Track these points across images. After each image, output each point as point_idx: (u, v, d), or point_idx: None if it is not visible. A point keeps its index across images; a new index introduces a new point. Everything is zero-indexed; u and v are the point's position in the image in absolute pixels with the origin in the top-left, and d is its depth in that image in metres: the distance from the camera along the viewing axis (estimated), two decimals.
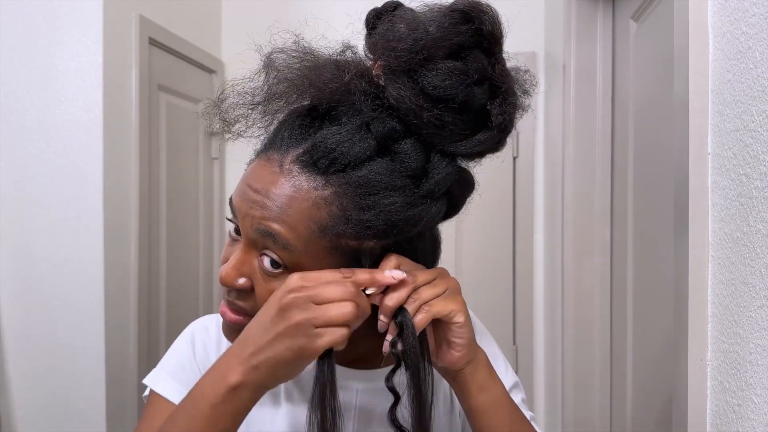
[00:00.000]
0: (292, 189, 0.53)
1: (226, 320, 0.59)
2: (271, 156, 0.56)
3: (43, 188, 1.74)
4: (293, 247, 0.53)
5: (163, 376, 0.70)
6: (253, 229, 0.54)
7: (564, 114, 1.84)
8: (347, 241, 0.54)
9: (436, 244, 0.64)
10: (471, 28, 0.53)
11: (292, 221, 0.53)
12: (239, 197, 0.56)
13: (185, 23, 2.20)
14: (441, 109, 0.53)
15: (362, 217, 0.53)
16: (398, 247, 0.57)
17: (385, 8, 0.57)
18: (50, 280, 1.74)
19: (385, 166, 0.54)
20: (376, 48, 0.55)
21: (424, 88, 0.53)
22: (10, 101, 1.74)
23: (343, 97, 0.55)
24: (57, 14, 1.73)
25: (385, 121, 0.54)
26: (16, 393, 1.76)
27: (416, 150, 0.54)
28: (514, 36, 0.60)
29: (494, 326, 2.28)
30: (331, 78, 0.54)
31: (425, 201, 0.55)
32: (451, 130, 0.54)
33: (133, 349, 1.85)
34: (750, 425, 0.64)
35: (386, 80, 0.54)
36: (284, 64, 0.57)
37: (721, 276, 0.71)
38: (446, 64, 0.53)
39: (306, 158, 0.54)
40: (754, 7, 0.64)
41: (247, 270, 0.56)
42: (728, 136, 0.70)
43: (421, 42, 0.52)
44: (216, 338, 0.73)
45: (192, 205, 2.28)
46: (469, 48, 0.54)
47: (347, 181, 0.53)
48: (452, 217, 0.61)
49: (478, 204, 0.63)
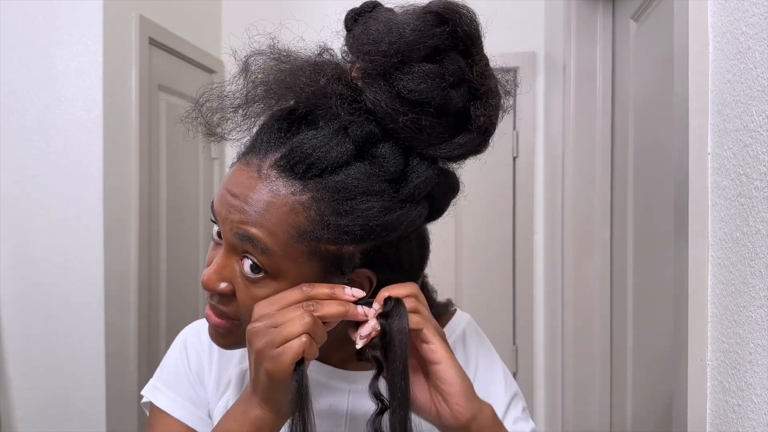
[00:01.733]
0: (270, 194, 0.53)
1: (210, 323, 0.59)
2: (250, 160, 0.55)
3: (43, 188, 1.74)
4: (272, 252, 0.53)
5: (162, 389, 0.70)
6: (233, 233, 0.54)
7: (564, 114, 1.84)
8: (326, 245, 0.54)
9: (423, 245, 0.63)
10: (446, 30, 0.52)
11: (271, 226, 0.53)
12: (219, 201, 0.56)
13: (185, 23, 2.20)
14: (417, 113, 0.52)
15: (340, 222, 0.52)
16: (379, 251, 0.56)
17: (363, 9, 0.56)
18: (50, 280, 1.74)
19: (363, 171, 0.53)
20: (352, 50, 0.55)
21: (400, 91, 0.52)
22: (10, 101, 1.74)
23: (320, 100, 0.54)
24: (57, 14, 1.73)
25: (363, 125, 0.53)
26: (16, 393, 1.76)
27: (395, 154, 0.54)
28: (514, 36, 0.60)
29: (494, 326, 2.30)
30: (307, 81, 0.53)
31: (404, 205, 0.54)
32: (429, 134, 0.54)
33: (133, 349, 1.85)
34: (750, 425, 0.64)
35: (363, 83, 0.54)
36: (261, 67, 0.57)
37: (721, 276, 0.71)
38: (422, 67, 0.52)
39: (283, 163, 0.53)
40: (754, 7, 0.64)
41: (228, 274, 0.56)
42: (728, 136, 0.70)
43: (395, 45, 0.51)
44: (208, 345, 0.72)
45: (192, 205, 2.28)
46: (445, 50, 0.53)
47: (324, 186, 0.53)
48: (436, 219, 0.60)
49: (478, 204, 0.63)
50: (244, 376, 0.69)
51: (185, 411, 0.69)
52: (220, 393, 0.70)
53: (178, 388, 0.70)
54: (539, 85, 2.26)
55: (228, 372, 0.70)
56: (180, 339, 0.74)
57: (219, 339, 0.60)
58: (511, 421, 0.71)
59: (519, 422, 0.72)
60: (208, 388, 0.71)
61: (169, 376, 0.71)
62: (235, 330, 0.58)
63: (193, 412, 0.69)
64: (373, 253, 0.56)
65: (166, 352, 0.75)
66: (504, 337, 2.31)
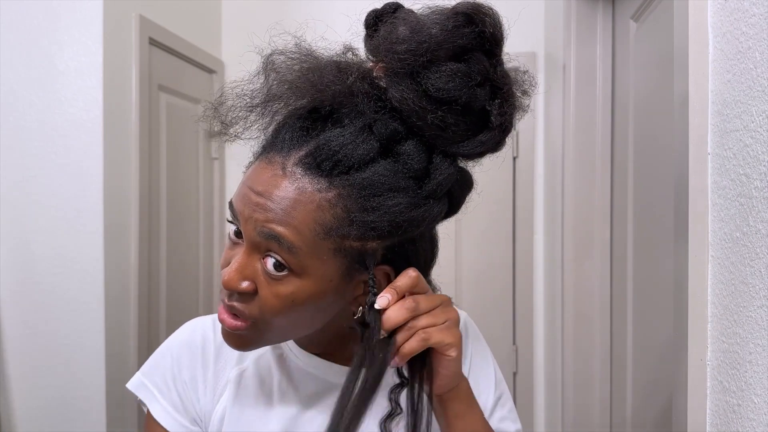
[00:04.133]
0: (296, 191, 0.53)
1: (226, 326, 0.59)
2: (273, 158, 0.56)
3: (43, 188, 1.74)
4: (298, 249, 0.53)
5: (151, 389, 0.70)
6: (257, 232, 0.54)
7: (564, 114, 1.84)
8: (351, 242, 0.54)
9: (434, 243, 0.64)
10: (474, 31, 0.54)
11: (297, 223, 0.53)
12: (241, 200, 0.56)
13: (185, 23, 2.20)
14: (444, 111, 0.53)
15: (366, 219, 0.53)
16: (401, 247, 0.57)
17: (385, 10, 0.57)
18: (50, 280, 1.74)
19: (389, 168, 0.54)
20: (378, 50, 0.55)
21: (428, 90, 0.53)
22: (10, 101, 1.74)
23: (345, 99, 0.55)
24: (57, 14, 1.73)
25: (388, 123, 0.54)
26: (16, 393, 1.76)
27: (419, 151, 0.55)
28: (514, 36, 0.60)
29: (494, 326, 2.30)
30: (333, 80, 0.54)
31: (428, 201, 0.55)
32: (453, 132, 0.55)
33: (133, 349, 1.85)
34: (750, 425, 0.64)
35: (388, 82, 0.55)
36: (284, 65, 0.57)
37: (721, 276, 0.71)
38: (449, 66, 0.53)
39: (309, 160, 0.54)
40: (754, 7, 0.64)
41: (249, 273, 0.56)
42: (728, 136, 0.70)
43: (424, 44, 0.52)
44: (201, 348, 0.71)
45: (192, 205, 2.28)
46: (471, 50, 0.54)
47: (351, 183, 0.53)
48: (453, 215, 0.62)
49: (478, 204, 0.64)
50: (242, 378, 0.69)
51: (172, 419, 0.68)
52: (218, 396, 0.69)
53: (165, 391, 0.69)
54: (539, 85, 2.26)
55: (226, 374, 0.70)
56: (173, 342, 0.72)
57: (234, 341, 0.60)
58: (497, 419, 0.73)
59: (505, 421, 0.73)
60: (201, 394, 0.69)
61: (156, 376, 0.70)
62: (252, 330, 0.58)
63: (176, 419, 0.69)
64: (394, 249, 0.57)
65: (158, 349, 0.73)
66: (504, 337, 2.31)
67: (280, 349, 0.70)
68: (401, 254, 0.58)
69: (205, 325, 0.73)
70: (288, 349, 0.70)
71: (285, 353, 0.70)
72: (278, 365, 0.69)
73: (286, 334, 0.61)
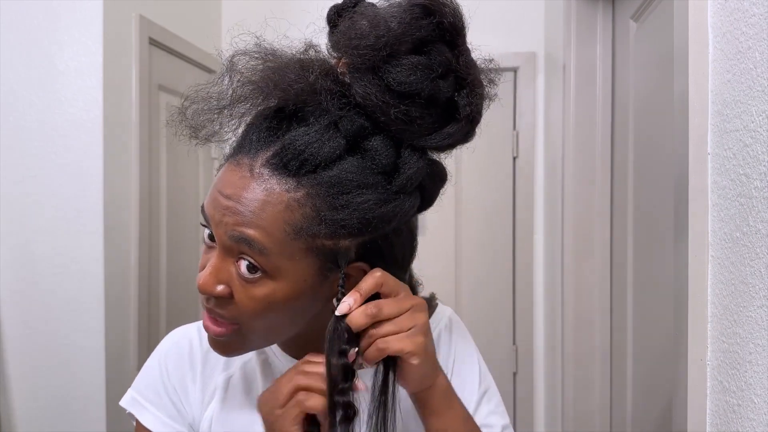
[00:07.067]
0: (264, 192, 0.53)
1: (210, 334, 0.59)
2: (241, 160, 0.55)
3: (43, 188, 1.74)
4: (269, 251, 0.53)
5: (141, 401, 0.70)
6: (228, 236, 0.54)
7: (564, 114, 1.84)
8: (322, 241, 0.54)
9: (412, 237, 0.64)
10: (432, 22, 0.53)
11: (266, 225, 0.53)
12: (211, 205, 0.56)
13: (185, 23, 2.20)
14: (408, 105, 0.53)
15: (336, 217, 0.53)
16: (375, 243, 0.57)
17: (345, 4, 0.56)
18: (50, 280, 1.74)
19: (356, 164, 0.53)
20: (338, 46, 0.55)
21: (390, 84, 0.52)
22: (10, 101, 1.74)
23: (309, 97, 0.54)
24: (57, 14, 1.73)
25: (354, 119, 0.54)
26: (16, 393, 1.76)
27: (386, 146, 0.54)
28: (514, 36, 0.60)
29: (494, 326, 2.30)
30: (295, 78, 0.54)
31: (398, 197, 0.55)
32: (419, 125, 0.54)
33: (133, 349, 1.85)
34: (750, 425, 0.64)
35: (351, 78, 0.54)
36: (247, 66, 0.57)
37: (721, 276, 0.71)
38: (410, 59, 0.52)
39: (276, 161, 0.53)
40: (754, 7, 0.64)
41: (224, 277, 0.56)
42: (728, 136, 0.70)
43: (383, 39, 0.52)
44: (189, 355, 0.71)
45: (192, 205, 2.28)
46: (431, 42, 0.54)
47: (319, 182, 0.53)
48: (426, 209, 0.61)
49: (478, 204, 0.64)
50: (229, 383, 0.69)
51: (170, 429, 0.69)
52: (206, 402, 0.70)
53: (158, 402, 0.69)
54: (539, 85, 2.26)
55: (213, 380, 0.70)
56: (160, 351, 0.73)
57: (220, 347, 0.60)
58: (484, 414, 0.72)
59: (492, 416, 0.73)
60: (191, 400, 0.70)
61: (147, 389, 0.71)
62: (236, 335, 0.58)
63: (174, 428, 0.69)
64: (368, 246, 0.57)
65: (146, 362, 0.73)
66: (504, 337, 2.31)
67: (265, 354, 0.70)
68: (376, 251, 0.58)
69: (190, 333, 0.73)
70: (272, 354, 0.70)
71: (270, 358, 0.70)
72: (263, 370, 0.69)
73: (268, 337, 0.61)
